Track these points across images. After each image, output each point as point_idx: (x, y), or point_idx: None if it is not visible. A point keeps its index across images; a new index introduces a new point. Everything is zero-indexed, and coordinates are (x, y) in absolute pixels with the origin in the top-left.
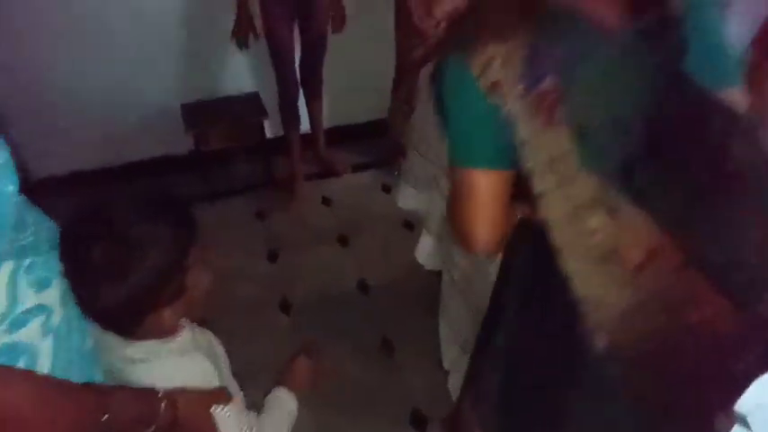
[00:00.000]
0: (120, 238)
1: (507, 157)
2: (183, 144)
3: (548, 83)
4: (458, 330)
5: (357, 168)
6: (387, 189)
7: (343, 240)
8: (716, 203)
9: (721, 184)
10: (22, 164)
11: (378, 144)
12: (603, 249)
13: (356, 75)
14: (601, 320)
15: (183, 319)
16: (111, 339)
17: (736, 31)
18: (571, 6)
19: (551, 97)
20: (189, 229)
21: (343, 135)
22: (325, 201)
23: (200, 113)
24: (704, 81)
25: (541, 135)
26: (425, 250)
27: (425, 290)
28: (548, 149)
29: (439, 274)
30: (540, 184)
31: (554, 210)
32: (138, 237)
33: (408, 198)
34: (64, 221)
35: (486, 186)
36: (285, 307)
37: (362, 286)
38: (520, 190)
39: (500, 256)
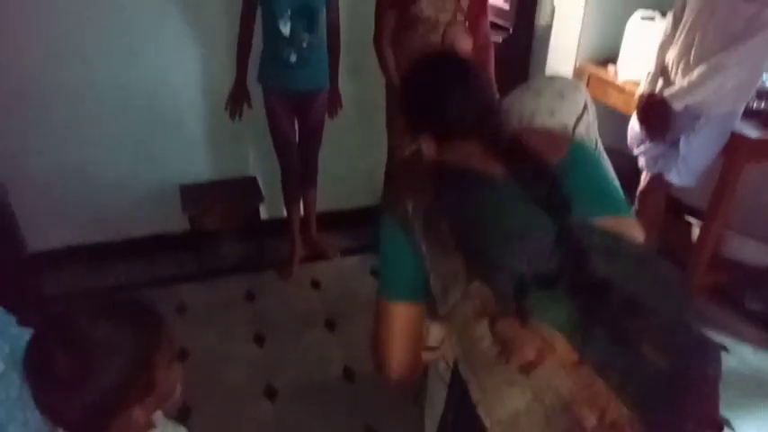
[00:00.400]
0: (80, 344)
1: (422, 291)
2: (178, 223)
3: (444, 220)
4: None
5: (346, 253)
6: (375, 273)
7: (330, 325)
8: (602, 318)
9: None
10: (19, 236)
11: (367, 230)
12: (490, 354)
13: (348, 163)
14: (496, 421)
15: (158, 415)
16: None
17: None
18: (465, 166)
19: (445, 231)
20: (153, 329)
21: (334, 220)
22: (315, 284)
23: (198, 195)
24: (585, 211)
25: (441, 261)
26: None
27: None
28: (445, 271)
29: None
30: (441, 307)
31: (454, 324)
32: (98, 342)
33: None
34: (31, 336)
35: (402, 317)
36: (270, 394)
37: (348, 373)
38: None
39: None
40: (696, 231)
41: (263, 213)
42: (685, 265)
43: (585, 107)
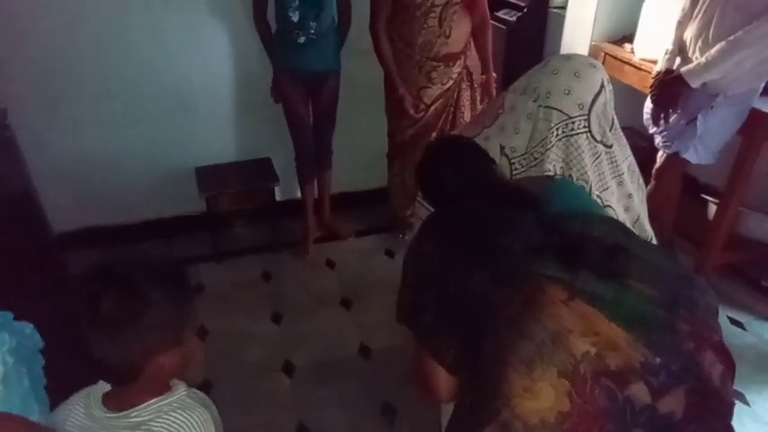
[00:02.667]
0: (127, 290)
1: None
2: (195, 205)
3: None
4: None
5: (361, 233)
6: (390, 254)
7: (346, 304)
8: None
9: None
10: (43, 217)
11: (381, 211)
12: None
13: (361, 145)
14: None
15: (179, 383)
16: (107, 419)
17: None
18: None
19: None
20: (187, 290)
21: (348, 201)
22: (330, 264)
23: (214, 177)
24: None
25: None
26: None
27: None
28: None
29: None
30: None
31: None
32: (145, 292)
33: None
34: (81, 273)
35: None
36: (288, 370)
37: (364, 351)
38: None
39: None
40: (712, 210)
41: (278, 195)
42: (702, 244)
43: (602, 86)
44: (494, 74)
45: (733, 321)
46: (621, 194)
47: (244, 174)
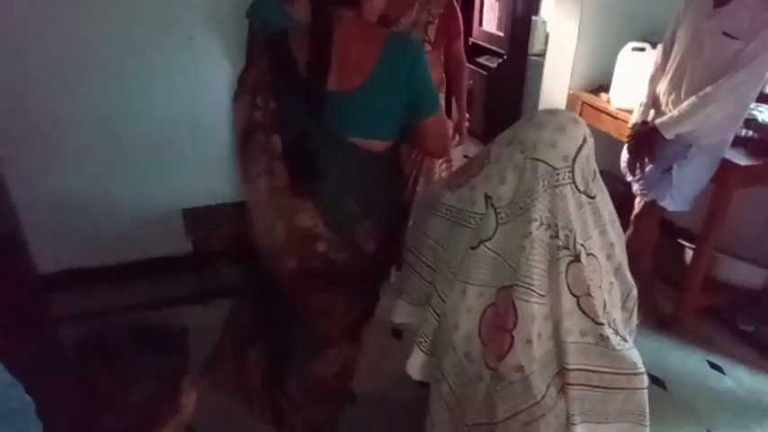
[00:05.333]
0: (117, 368)
1: None
2: (181, 246)
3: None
4: None
5: None
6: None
7: None
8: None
9: None
10: (29, 258)
11: None
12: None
13: None
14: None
15: None
16: None
17: None
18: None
19: None
20: (181, 354)
21: None
22: None
23: (202, 218)
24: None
25: None
26: (417, 364)
27: (413, 401)
28: None
29: (427, 385)
30: None
31: None
32: (133, 366)
33: (402, 312)
34: (67, 352)
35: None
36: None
37: (350, 395)
38: None
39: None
40: (689, 254)
41: None
42: (680, 287)
43: (585, 140)
44: (467, 114)
45: (713, 365)
46: (604, 243)
47: (231, 214)
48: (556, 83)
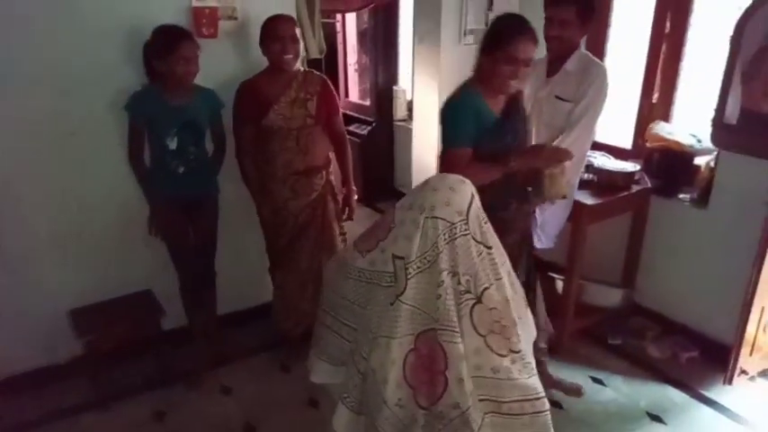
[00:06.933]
0: None
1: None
2: (70, 350)
3: None
4: None
5: (252, 352)
6: (286, 369)
7: (249, 430)
8: None
9: None
10: None
11: (268, 326)
12: None
13: (245, 263)
14: None
15: None
16: None
17: None
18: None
19: None
20: None
21: (237, 320)
22: (226, 390)
23: (92, 317)
24: None
25: None
26: (342, 420)
27: None
28: None
29: None
30: None
31: None
32: None
33: (323, 373)
34: None
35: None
36: None
37: None
38: None
39: None
40: (560, 285)
41: (164, 325)
42: (557, 315)
43: (473, 195)
44: (354, 187)
45: (595, 380)
46: (500, 297)
47: (124, 309)
48: (425, 144)
